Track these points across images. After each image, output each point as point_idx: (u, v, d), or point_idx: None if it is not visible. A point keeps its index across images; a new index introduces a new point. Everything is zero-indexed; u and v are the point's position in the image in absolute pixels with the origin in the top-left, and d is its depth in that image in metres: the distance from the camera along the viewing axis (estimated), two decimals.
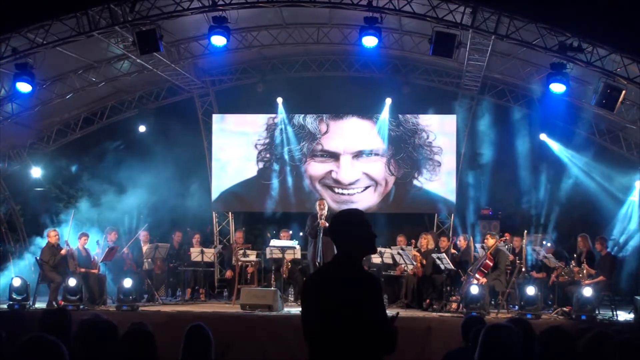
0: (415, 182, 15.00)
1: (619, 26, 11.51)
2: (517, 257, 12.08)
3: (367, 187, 15.11)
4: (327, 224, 11.24)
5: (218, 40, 11.81)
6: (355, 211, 3.65)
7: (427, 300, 11.89)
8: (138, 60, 13.12)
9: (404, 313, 11.33)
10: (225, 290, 14.09)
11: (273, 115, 15.35)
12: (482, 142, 14.84)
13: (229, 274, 13.42)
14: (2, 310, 10.85)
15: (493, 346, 3.66)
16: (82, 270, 11.82)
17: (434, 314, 11.13)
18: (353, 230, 3.51)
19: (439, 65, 14.65)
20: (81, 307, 10.92)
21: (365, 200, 15.10)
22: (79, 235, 12.38)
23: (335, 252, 3.58)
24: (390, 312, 3.75)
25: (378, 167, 15.09)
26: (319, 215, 11.64)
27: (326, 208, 11.81)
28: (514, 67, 13.53)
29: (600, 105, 11.53)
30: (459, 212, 15.06)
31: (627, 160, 13.81)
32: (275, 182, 15.31)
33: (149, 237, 13.71)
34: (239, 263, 12.69)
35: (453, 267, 11.78)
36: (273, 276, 12.30)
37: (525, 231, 12.41)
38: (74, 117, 15.71)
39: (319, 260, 11.38)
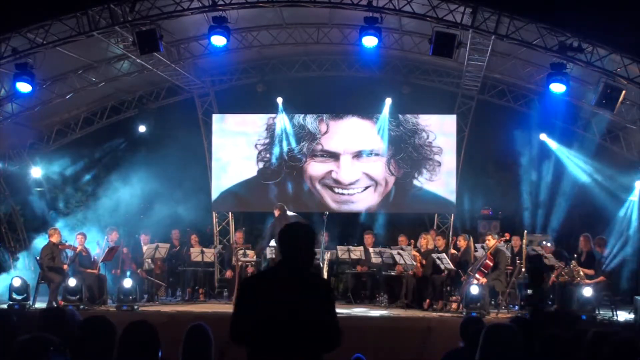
0: (415, 182, 15.00)
1: (619, 26, 11.51)
2: (517, 257, 12.09)
3: (367, 187, 15.11)
4: None
5: (218, 40, 11.81)
6: (307, 228, 3.93)
7: (427, 301, 11.88)
8: (138, 60, 13.12)
9: (404, 313, 11.35)
10: (225, 290, 14.09)
11: (273, 115, 15.35)
12: (482, 142, 14.83)
13: (229, 274, 13.44)
14: None
15: (494, 346, 3.65)
16: (82, 269, 11.86)
17: (434, 314, 11.14)
18: (302, 245, 3.81)
19: (439, 65, 14.64)
20: (81, 307, 10.92)
21: (365, 200, 15.10)
22: (77, 235, 12.38)
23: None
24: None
25: (378, 167, 15.09)
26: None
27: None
28: (514, 67, 13.52)
29: (600, 105, 11.53)
30: (459, 212, 15.06)
31: (627, 160, 13.79)
32: (275, 182, 15.31)
33: (149, 237, 13.72)
34: (239, 263, 12.71)
35: (453, 267, 11.79)
36: None
37: (525, 231, 12.42)
38: (74, 117, 15.71)
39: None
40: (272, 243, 12.42)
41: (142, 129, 15.73)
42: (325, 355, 3.78)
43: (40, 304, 11.35)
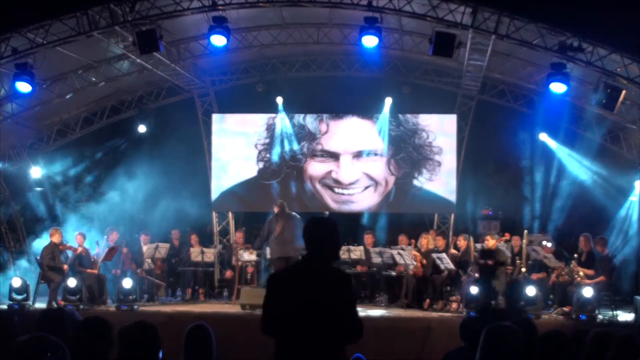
0: (415, 182, 14.99)
1: (619, 26, 11.51)
2: (517, 257, 12.09)
3: (367, 187, 15.10)
4: None
5: (218, 40, 11.80)
6: (329, 222, 4.04)
7: (427, 301, 11.88)
8: (138, 60, 13.12)
9: (404, 313, 11.35)
10: (225, 290, 14.09)
11: (273, 115, 15.34)
12: (482, 142, 14.83)
13: (229, 274, 13.45)
14: None
15: (494, 346, 3.65)
16: (82, 269, 11.87)
17: (434, 314, 11.14)
18: (324, 237, 3.93)
19: (439, 65, 14.62)
20: (81, 307, 10.92)
21: (365, 200, 15.10)
22: (76, 235, 12.39)
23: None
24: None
25: (378, 167, 15.08)
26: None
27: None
28: (514, 67, 13.51)
29: (600, 105, 11.52)
30: (459, 212, 15.05)
31: (627, 160, 13.80)
32: (275, 182, 15.31)
33: (149, 237, 13.72)
34: (239, 263, 12.72)
35: (453, 267, 11.78)
36: None
37: (525, 231, 12.42)
38: (74, 117, 15.71)
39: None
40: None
41: (142, 128, 15.72)
42: None
43: (40, 304, 11.36)
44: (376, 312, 11.43)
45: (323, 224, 4.02)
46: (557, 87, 11.40)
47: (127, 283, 11.35)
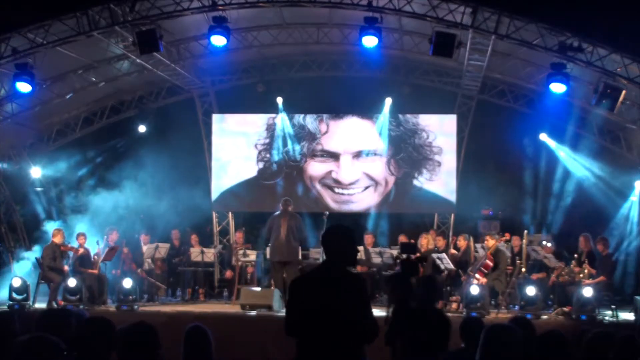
0: (415, 182, 14.99)
1: (619, 26, 11.51)
2: (517, 257, 12.08)
3: (367, 187, 15.10)
4: None
5: (218, 40, 11.80)
6: (346, 229, 4.38)
7: None
8: (138, 60, 13.12)
9: None
10: (225, 290, 14.09)
11: (273, 115, 15.34)
12: (482, 142, 14.83)
13: (229, 274, 13.45)
14: None
15: (494, 346, 3.65)
16: (83, 270, 11.87)
17: None
18: (342, 245, 4.27)
19: (439, 65, 14.62)
20: (81, 307, 10.92)
21: (365, 200, 15.10)
22: (77, 235, 12.39)
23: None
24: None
25: (378, 167, 15.08)
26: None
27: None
28: (514, 67, 13.52)
29: (600, 105, 11.53)
30: (459, 212, 15.05)
31: (627, 160, 13.80)
32: (275, 182, 15.30)
33: (149, 237, 13.72)
34: (239, 263, 12.72)
35: (453, 267, 11.78)
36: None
37: (526, 231, 12.42)
38: (74, 117, 15.70)
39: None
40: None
41: (142, 129, 15.73)
42: None
43: (40, 304, 11.36)
44: (376, 312, 11.41)
45: (341, 232, 4.33)
46: (557, 87, 11.40)
47: (127, 283, 11.36)
